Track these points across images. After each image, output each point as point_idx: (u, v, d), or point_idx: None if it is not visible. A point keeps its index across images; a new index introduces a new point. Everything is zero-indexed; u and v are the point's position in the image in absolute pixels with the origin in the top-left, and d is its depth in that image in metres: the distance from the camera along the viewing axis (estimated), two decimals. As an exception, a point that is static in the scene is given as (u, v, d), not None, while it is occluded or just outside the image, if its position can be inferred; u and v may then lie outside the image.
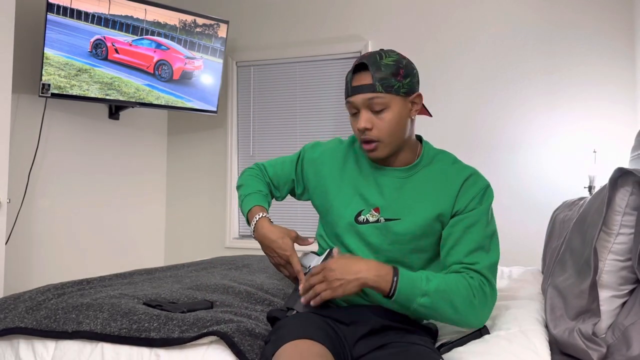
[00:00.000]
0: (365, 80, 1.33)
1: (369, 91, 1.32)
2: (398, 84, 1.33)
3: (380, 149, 1.37)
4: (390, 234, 1.38)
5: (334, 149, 1.52)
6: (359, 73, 1.35)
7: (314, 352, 1.12)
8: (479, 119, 3.49)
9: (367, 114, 1.34)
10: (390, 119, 1.34)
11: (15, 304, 1.68)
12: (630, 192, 1.30)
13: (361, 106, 1.34)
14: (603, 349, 1.25)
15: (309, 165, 1.53)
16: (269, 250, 1.42)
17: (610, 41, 3.24)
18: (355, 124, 1.37)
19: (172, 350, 1.41)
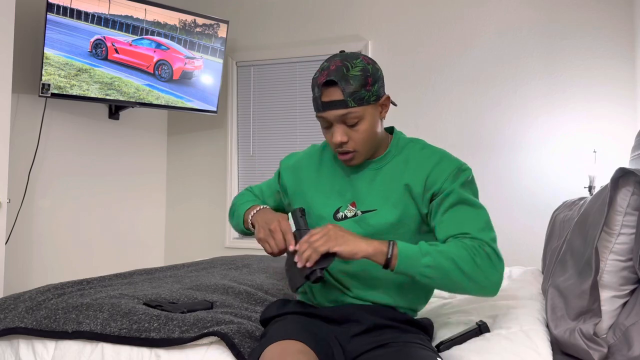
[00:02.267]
0: (336, 95, 1.29)
1: (341, 107, 1.29)
2: (368, 94, 1.31)
3: (356, 158, 1.37)
4: (369, 226, 1.38)
5: (310, 153, 1.54)
6: (328, 88, 1.31)
7: (295, 350, 1.15)
8: (479, 119, 3.49)
9: (341, 128, 1.32)
10: (365, 129, 1.33)
11: (15, 304, 1.68)
12: (631, 192, 1.30)
13: (334, 121, 1.32)
14: (604, 349, 1.25)
15: (287, 173, 1.54)
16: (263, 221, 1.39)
17: (611, 41, 3.23)
18: (329, 136, 1.35)
19: (173, 350, 1.40)
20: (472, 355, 1.29)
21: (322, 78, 1.31)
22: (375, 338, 1.30)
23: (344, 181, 1.43)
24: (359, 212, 1.39)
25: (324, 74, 1.31)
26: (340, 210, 1.42)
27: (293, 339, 1.19)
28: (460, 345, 1.37)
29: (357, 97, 1.29)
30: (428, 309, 1.76)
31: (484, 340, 1.39)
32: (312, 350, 1.18)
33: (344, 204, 1.41)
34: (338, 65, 1.31)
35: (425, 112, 3.61)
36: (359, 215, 1.39)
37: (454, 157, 1.39)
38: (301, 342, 1.18)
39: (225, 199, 4.09)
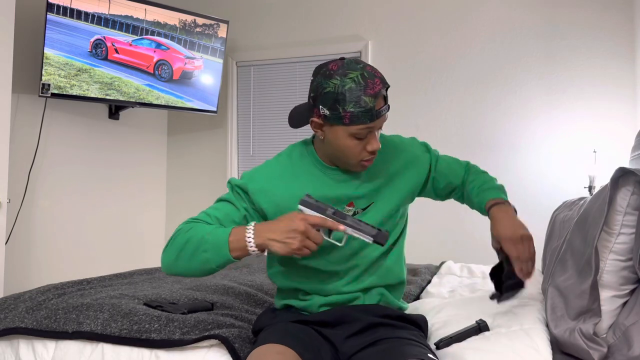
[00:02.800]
0: (384, 101, 1.30)
1: (386, 112, 1.32)
2: None
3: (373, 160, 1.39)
4: (369, 219, 1.41)
5: (277, 170, 1.43)
6: (380, 96, 1.28)
7: (273, 351, 1.17)
8: (479, 119, 3.49)
9: (377, 134, 1.33)
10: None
11: (16, 304, 1.68)
12: (631, 192, 1.30)
13: (378, 129, 1.32)
14: (604, 348, 1.25)
15: (261, 196, 1.39)
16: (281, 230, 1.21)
17: (611, 41, 3.23)
18: (360, 145, 1.31)
19: (173, 351, 1.40)
20: (473, 353, 1.30)
21: (379, 87, 1.27)
22: (368, 337, 1.31)
23: (332, 186, 1.41)
24: (359, 210, 1.41)
25: (376, 82, 1.27)
26: None
27: (274, 343, 1.21)
28: (459, 344, 1.38)
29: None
30: (428, 307, 1.76)
31: (484, 338, 1.39)
32: (295, 352, 1.19)
33: (340, 207, 1.41)
34: (379, 72, 1.32)
35: (425, 112, 3.61)
36: (359, 213, 1.41)
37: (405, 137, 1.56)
38: (281, 344, 1.20)
39: (225, 199, 4.08)
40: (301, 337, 1.26)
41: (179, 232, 1.31)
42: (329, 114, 1.28)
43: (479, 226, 3.41)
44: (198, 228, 1.29)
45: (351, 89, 1.25)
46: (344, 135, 1.30)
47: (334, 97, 1.26)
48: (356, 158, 1.33)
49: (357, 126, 1.27)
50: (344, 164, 1.37)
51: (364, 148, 1.32)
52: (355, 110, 1.25)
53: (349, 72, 1.26)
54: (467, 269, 2.49)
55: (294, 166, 1.43)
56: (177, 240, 1.30)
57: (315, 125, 1.34)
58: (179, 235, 1.30)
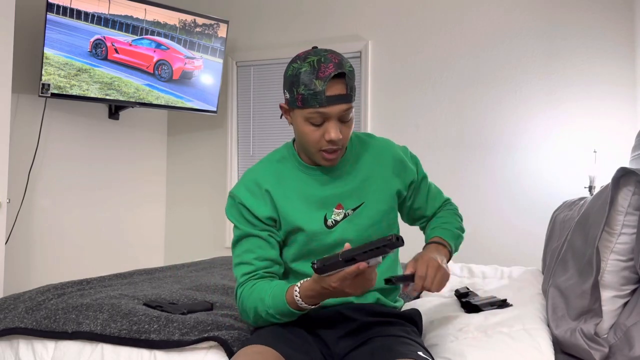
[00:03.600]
0: (342, 89, 1.26)
1: (345, 102, 1.27)
2: (355, 90, 1.32)
3: (339, 155, 1.34)
4: (363, 220, 1.39)
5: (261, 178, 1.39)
6: (334, 80, 1.26)
7: (254, 351, 1.18)
8: (479, 119, 3.48)
9: (337, 124, 1.29)
10: (351, 125, 1.33)
11: (15, 304, 1.68)
12: (632, 192, 1.30)
13: (334, 117, 1.28)
14: (605, 349, 1.25)
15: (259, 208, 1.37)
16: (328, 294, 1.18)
17: (611, 41, 3.23)
18: (317, 133, 1.29)
19: (172, 352, 1.40)
20: (476, 352, 1.29)
21: (330, 70, 1.25)
22: (361, 336, 1.31)
23: (318, 189, 1.38)
24: (349, 211, 1.39)
25: (329, 66, 1.25)
26: (328, 217, 1.38)
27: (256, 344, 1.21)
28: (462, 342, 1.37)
29: (354, 92, 1.30)
30: (428, 307, 1.75)
31: (487, 337, 1.39)
32: (278, 352, 1.19)
33: (328, 210, 1.38)
34: (340, 59, 1.28)
35: (425, 112, 3.60)
36: (349, 214, 1.39)
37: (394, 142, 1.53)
38: (263, 345, 1.20)
39: (225, 199, 4.08)
40: (288, 338, 1.25)
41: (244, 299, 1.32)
42: (289, 97, 1.31)
43: (479, 226, 3.41)
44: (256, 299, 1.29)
45: (305, 71, 1.26)
46: (301, 120, 1.30)
47: (291, 80, 1.28)
48: (315, 146, 1.31)
49: (308, 110, 1.27)
50: (309, 154, 1.35)
51: (322, 136, 1.29)
52: (305, 93, 1.26)
53: (309, 57, 1.27)
54: (468, 269, 2.49)
55: (276, 170, 1.41)
56: (246, 310, 1.32)
57: (283, 110, 1.36)
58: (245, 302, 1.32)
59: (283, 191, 1.37)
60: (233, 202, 1.39)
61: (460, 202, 3.47)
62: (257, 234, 1.36)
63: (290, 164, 1.41)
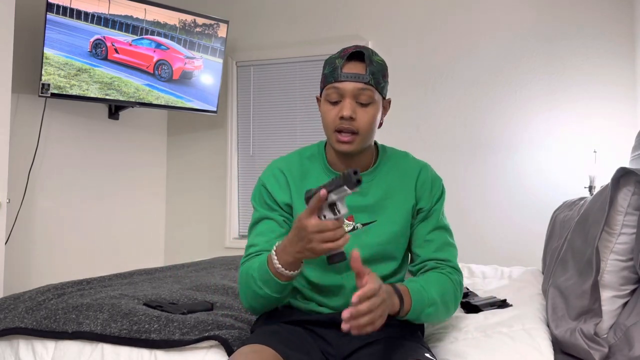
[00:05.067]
0: (359, 69, 1.30)
1: (362, 81, 1.29)
2: (383, 83, 1.33)
3: (355, 143, 1.31)
4: (371, 239, 1.34)
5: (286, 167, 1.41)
6: (353, 61, 1.31)
7: (251, 350, 1.17)
8: (479, 119, 3.48)
9: (352, 103, 1.29)
10: (373, 113, 1.31)
11: (15, 304, 1.68)
12: (632, 192, 1.30)
13: (348, 94, 1.29)
14: (605, 349, 1.25)
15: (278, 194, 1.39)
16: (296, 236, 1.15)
17: (611, 41, 3.23)
18: (333, 111, 1.31)
19: (172, 352, 1.40)
20: (475, 353, 1.29)
21: (350, 49, 1.31)
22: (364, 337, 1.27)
23: None
24: (359, 225, 1.35)
25: (350, 47, 1.32)
26: None
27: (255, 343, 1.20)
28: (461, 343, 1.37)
29: (376, 79, 1.30)
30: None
31: (487, 337, 1.39)
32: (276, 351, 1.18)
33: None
34: (366, 47, 1.33)
35: (426, 112, 3.60)
36: (358, 228, 1.34)
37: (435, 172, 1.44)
38: (261, 344, 1.19)
39: (225, 199, 4.08)
40: (286, 337, 1.25)
41: (240, 276, 1.33)
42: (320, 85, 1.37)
43: (479, 226, 3.41)
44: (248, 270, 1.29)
45: (333, 56, 1.34)
46: (323, 101, 1.34)
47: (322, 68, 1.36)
48: (331, 126, 1.32)
49: (327, 87, 1.32)
50: (328, 138, 1.35)
51: (337, 115, 1.30)
52: (326, 72, 1.33)
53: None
54: (468, 269, 2.49)
55: (303, 165, 1.42)
56: (241, 284, 1.32)
57: (318, 102, 1.39)
58: (240, 279, 1.33)
59: (303, 188, 1.37)
60: (258, 186, 1.42)
61: (461, 202, 3.49)
62: (273, 217, 1.37)
63: (317, 164, 1.41)
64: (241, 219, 4.10)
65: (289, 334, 1.27)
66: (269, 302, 1.27)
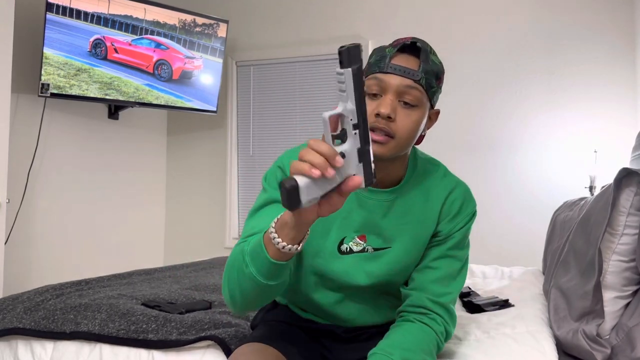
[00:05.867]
0: (411, 64, 1.10)
1: (411, 77, 1.08)
2: (435, 87, 1.13)
3: (389, 147, 1.09)
4: (379, 266, 1.19)
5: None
6: (405, 54, 1.12)
7: (253, 349, 1.14)
8: (479, 118, 3.48)
9: (394, 101, 1.09)
10: (416, 120, 1.10)
11: (14, 304, 1.67)
12: (634, 193, 1.29)
13: (391, 90, 1.09)
14: (607, 350, 1.24)
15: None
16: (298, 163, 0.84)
17: (611, 41, 3.23)
18: (371, 106, 1.09)
19: (170, 352, 1.40)
20: (479, 355, 1.29)
21: (403, 40, 1.12)
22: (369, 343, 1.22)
23: (352, 206, 1.18)
24: (370, 248, 1.19)
25: (406, 39, 1.13)
26: (345, 241, 1.19)
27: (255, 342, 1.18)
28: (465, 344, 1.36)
29: (429, 80, 1.11)
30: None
31: (490, 338, 1.38)
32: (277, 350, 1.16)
33: (349, 233, 1.19)
34: (424, 41, 1.14)
35: (426, 112, 3.59)
36: (369, 251, 1.19)
37: (472, 194, 1.25)
38: (263, 343, 1.17)
39: (224, 199, 4.07)
40: (289, 336, 1.23)
41: (228, 259, 1.10)
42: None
43: (479, 226, 3.40)
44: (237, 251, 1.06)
45: (383, 46, 1.15)
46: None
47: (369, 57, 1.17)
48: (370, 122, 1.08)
49: (369, 77, 1.12)
50: None
51: (373, 110, 1.08)
52: (372, 60, 1.13)
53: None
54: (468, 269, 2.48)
55: None
56: (226, 267, 1.09)
57: None
58: (227, 262, 1.09)
59: None
60: (274, 167, 1.21)
61: (461, 203, 3.48)
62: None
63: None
64: (241, 219, 4.10)
65: (290, 334, 1.25)
66: (253, 288, 1.00)
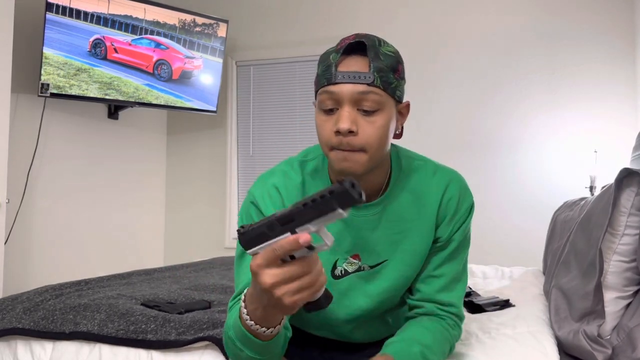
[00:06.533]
0: (360, 66, 0.97)
1: (364, 82, 0.95)
2: (395, 82, 0.99)
3: (361, 163, 0.98)
4: (379, 283, 1.10)
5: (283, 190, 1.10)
6: (352, 56, 0.99)
7: None
8: (479, 118, 3.48)
9: (352, 112, 0.97)
10: (382, 124, 0.98)
11: (13, 304, 1.67)
12: (635, 193, 1.29)
13: (346, 100, 0.97)
14: (608, 350, 1.24)
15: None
16: (257, 292, 0.81)
17: (611, 40, 3.22)
18: (328, 123, 0.98)
19: (169, 352, 1.39)
20: (480, 355, 1.28)
21: (348, 40, 0.99)
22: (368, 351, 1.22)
23: (339, 227, 1.09)
24: (366, 266, 1.10)
25: (350, 37, 1.00)
26: (338, 264, 1.10)
27: None
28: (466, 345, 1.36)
29: (385, 78, 0.97)
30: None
31: (491, 339, 1.38)
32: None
33: (341, 255, 1.10)
34: (368, 35, 1.01)
35: (426, 112, 3.59)
36: (365, 269, 1.10)
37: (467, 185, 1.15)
38: None
39: (224, 199, 4.07)
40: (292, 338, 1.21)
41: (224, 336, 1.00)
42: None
43: (479, 226, 3.40)
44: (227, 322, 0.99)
45: (329, 50, 1.02)
46: (316, 109, 1.02)
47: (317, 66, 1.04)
48: (326, 143, 1.00)
49: (319, 91, 1.00)
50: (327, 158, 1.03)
51: (333, 128, 0.98)
52: (319, 72, 1.00)
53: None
54: (468, 269, 2.48)
55: (306, 187, 1.10)
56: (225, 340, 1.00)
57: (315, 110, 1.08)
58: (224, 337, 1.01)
59: None
60: (246, 204, 1.12)
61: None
62: None
63: (320, 183, 1.10)
64: (241, 219, 4.09)
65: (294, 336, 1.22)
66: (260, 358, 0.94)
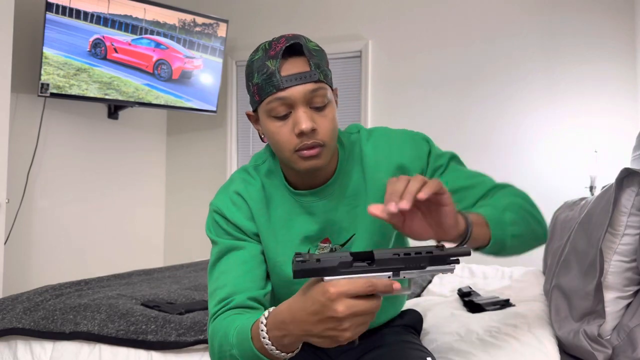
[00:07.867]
0: (301, 67, 1.00)
1: (310, 80, 0.99)
2: (329, 72, 1.06)
3: (324, 155, 1.03)
4: None
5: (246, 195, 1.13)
6: (290, 59, 1.01)
7: None
8: (479, 118, 3.47)
9: (308, 112, 1.00)
10: (332, 116, 1.03)
11: (13, 304, 1.67)
12: (636, 193, 1.29)
13: (300, 102, 0.99)
14: (609, 350, 1.24)
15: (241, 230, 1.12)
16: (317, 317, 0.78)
17: (611, 40, 3.22)
18: (285, 128, 1.01)
19: (169, 353, 1.39)
20: (481, 354, 1.28)
21: (280, 45, 1.00)
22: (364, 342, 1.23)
23: (304, 218, 1.12)
24: (337, 246, 1.13)
25: (281, 41, 1.01)
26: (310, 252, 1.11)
27: None
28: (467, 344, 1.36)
29: (324, 72, 1.02)
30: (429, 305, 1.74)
31: (492, 338, 1.38)
32: None
33: (312, 245, 1.13)
34: (295, 35, 1.03)
35: (425, 111, 3.59)
36: (337, 250, 1.13)
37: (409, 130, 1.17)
38: None
39: (224, 199, 4.07)
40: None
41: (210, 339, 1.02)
42: (250, 99, 1.05)
43: (479, 226, 3.40)
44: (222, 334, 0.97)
45: (258, 58, 1.02)
46: (265, 118, 1.03)
47: (246, 76, 1.05)
48: (287, 147, 1.01)
49: (267, 100, 1.01)
50: (286, 162, 1.05)
51: (292, 132, 1.00)
52: (259, 81, 1.01)
53: (262, 43, 1.04)
54: (468, 269, 2.48)
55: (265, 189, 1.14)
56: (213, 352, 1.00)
57: (252, 120, 1.10)
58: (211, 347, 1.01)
59: (267, 218, 1.12)
60: (211, 215, 1.13)
61: (461, 203, 3.48)
62: (241, 245, 1.09)
63: (277, 181, 1.14)
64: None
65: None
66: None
